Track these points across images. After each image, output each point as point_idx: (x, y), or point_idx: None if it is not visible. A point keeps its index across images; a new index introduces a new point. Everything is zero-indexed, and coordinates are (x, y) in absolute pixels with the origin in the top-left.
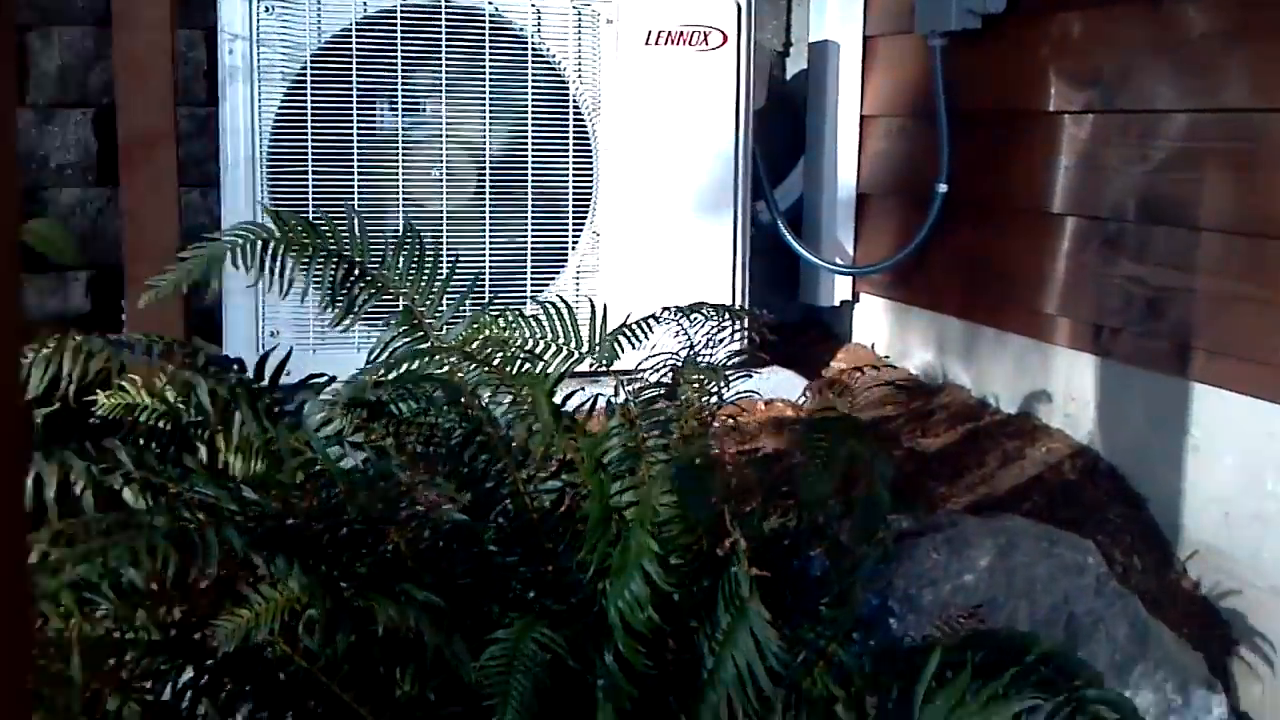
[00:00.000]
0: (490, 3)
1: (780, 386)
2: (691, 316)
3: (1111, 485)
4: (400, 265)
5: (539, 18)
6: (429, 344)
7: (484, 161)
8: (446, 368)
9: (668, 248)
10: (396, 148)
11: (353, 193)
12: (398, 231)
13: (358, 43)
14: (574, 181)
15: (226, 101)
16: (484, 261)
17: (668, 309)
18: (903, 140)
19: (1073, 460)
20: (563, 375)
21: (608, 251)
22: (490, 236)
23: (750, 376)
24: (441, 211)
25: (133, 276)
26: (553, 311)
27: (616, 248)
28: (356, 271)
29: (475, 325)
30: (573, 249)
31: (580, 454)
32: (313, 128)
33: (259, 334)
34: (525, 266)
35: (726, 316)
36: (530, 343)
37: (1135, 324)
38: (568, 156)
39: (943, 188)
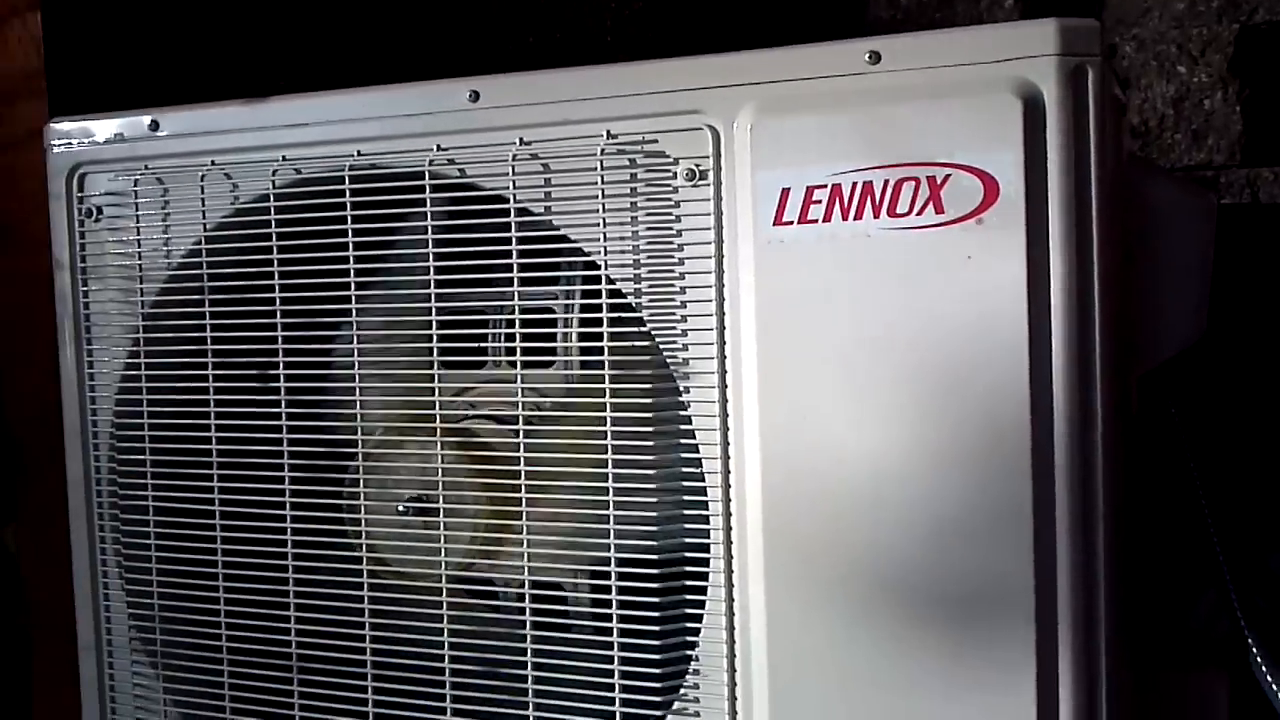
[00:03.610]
0: (452, 162)
1: None
2: None
3: None
4: None
5: (546, 188)
6: None
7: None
8: None
9: None
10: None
11: (215, 556)
12: None
13: (212, 262)
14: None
15: (63, 380)
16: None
17: None
18: None
19: None
20: None
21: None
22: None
23: None
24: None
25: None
26: None
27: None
28: None
29: None
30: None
31: None
32: (151, 430)
33: None
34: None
35: None
36: None
37: None
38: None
39: None
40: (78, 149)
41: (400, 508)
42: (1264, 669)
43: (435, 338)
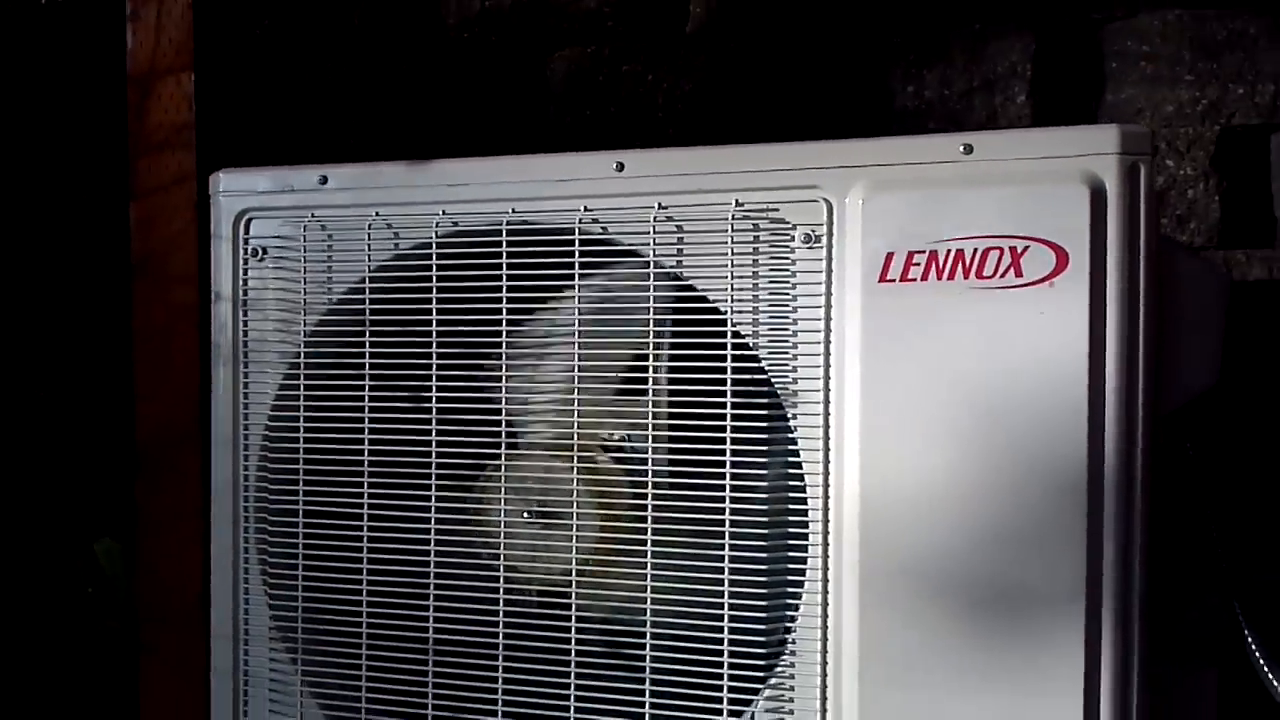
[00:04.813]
0: (596, 221)
1: None
2: None
3: None
4: None
5: (679, 245)
6: None
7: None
8: None
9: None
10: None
11: (360, 554)
12: None
13: (375, 299)
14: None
15: (215, 396)
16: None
17: None
18: None
19: None
20: None
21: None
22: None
23: None
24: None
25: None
26: None
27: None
28: None
29: None
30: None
31: None
32: (305, 442)
33: None
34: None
35: None
36: None
37: None
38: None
39: None
40: (246, 196)
41: (525, 514)
42: (1263, 663)
43: (576, 370)
